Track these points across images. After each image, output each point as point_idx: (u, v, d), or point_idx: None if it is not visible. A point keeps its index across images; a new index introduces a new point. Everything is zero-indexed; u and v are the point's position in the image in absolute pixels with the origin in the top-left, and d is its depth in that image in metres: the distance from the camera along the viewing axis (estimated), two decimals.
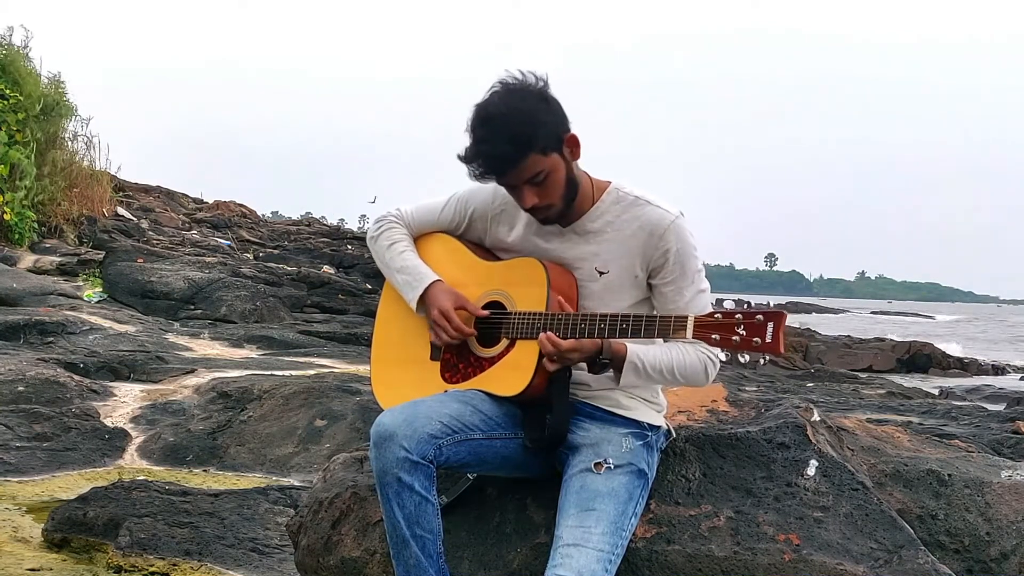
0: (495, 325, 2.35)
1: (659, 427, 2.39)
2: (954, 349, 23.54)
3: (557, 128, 2.23)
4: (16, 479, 4.79)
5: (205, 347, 8.33)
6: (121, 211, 14.15)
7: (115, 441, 5.43)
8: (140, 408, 6.00)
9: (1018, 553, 2.48)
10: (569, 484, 2.23)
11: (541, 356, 2.23)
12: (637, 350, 2.24)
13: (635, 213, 2.31)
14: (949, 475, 2.61)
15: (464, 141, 2.24)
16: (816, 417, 2.61)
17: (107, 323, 8.63)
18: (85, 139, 13.72)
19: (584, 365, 2.29)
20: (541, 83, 2.22)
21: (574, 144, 2.27)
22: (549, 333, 2.18)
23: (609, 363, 2.24)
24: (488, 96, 2.22)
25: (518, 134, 2.17)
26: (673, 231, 2.27)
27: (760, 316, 2.01)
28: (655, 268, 2.30)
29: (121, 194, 15.34)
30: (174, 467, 5.24)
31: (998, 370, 20.66)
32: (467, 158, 2.23)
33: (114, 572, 3.57)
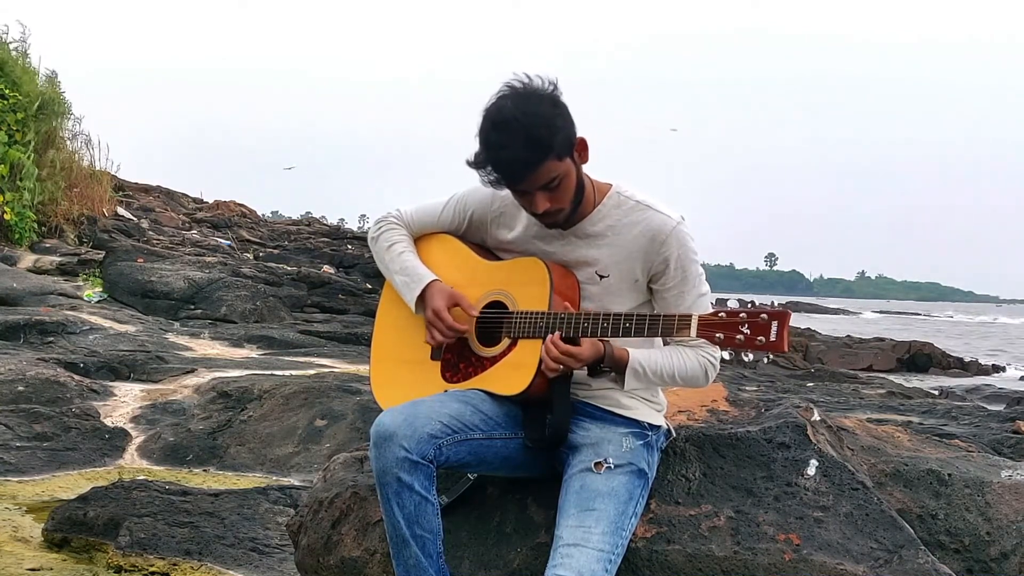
0: (496, 324, 2.34)
1: (659, 427, 2.38)
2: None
3: (570, 132, 2.19)
4: (16, 479, 4.80)
5: (205, 347, 8.33)
6: (121, 211, 14.12)
7: (115, 441, 5.43)
8: (140, 408, 6.00)
9: (1018, 553, 2.48)
10: (569, 484, 2.23)
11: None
12: (638, 356, 2.23)
13: (636, 218, 2.30)
14: (949, 475, 2.61)
15: (473, 146, 2.18)
16: (816, 417, 2.61)
17: (107, 323, 8.62)
18: (84, 138, 13.71)
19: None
20: (551, 87, 2.18)
21: (583, 148, 2.24)
22: (555, 335, 2.16)
23: (610, 370, 2.24)
24: (498, 100, 2.17)
25: (536, 139, 2.12)
26: (675, 237, 2.27)
27: (764, 315, 2.01)
28: (656, 273, 2.29)
29: (121, 194, 15.31)
30: (174, 467, 5.24)
31: (998, 370, 20.86)
32: (479, 164, 2.19)
33: (114, 572, 3.57)
